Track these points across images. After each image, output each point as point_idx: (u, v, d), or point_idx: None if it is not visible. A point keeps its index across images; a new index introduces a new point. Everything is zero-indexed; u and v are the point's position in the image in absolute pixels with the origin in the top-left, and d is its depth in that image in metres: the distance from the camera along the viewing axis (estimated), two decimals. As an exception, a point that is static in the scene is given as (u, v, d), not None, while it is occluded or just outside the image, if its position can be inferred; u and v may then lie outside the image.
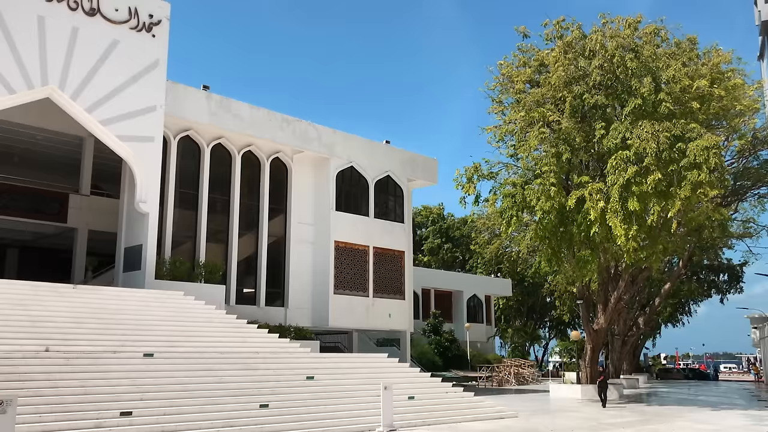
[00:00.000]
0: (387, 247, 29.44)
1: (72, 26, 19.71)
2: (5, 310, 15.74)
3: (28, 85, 18.76)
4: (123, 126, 20.60)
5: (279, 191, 26.91)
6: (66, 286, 18.47)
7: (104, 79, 20.25)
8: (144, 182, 21.07)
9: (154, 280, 20.69)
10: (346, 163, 28.37)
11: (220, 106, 24.31)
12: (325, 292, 26.91)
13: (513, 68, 26.69)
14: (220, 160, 25.08)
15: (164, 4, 22.11)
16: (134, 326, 17.15)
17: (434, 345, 39.42)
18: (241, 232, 25.40)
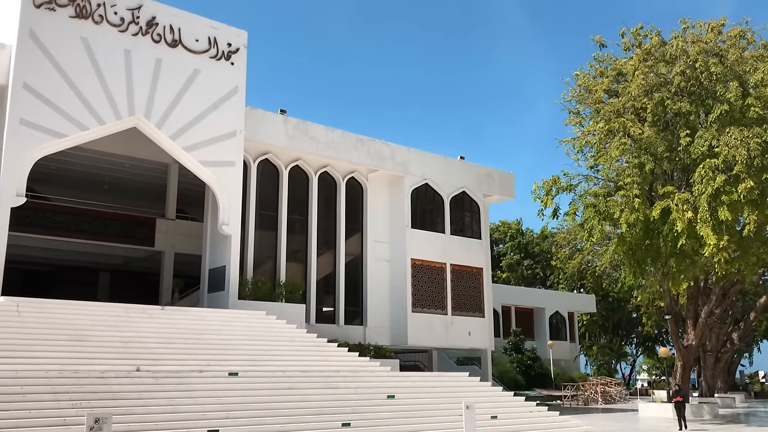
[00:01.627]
0: (464, 264, 29.15)
1: (156, 58, 20.60)
2: (100, 332, 16.44)
3: (117, 115, 19.68)
4: (205, 152, 21.30)
5: (355, 210, 27.15)
6: (154, 308, 19.13)
7: (187, 107, 21.03)
8: (226, 205, 21.68)
9: (238, 300, 21.18)
10: (421, 180, 28.36)
11: (296, 129, 24.82)
12: (403, 311, 26.85)
13: (590, 78, 26.15)
14: (297, 181, 25.55)
15: (241, 33, 22.82)
16: (219, 346, 17.57)
17: (516, 363, 38.64)
18: (319, 252, 25.73)
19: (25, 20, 18.53)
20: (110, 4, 19.94)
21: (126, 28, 20.17)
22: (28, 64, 18.39)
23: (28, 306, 16.52)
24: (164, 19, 20.96)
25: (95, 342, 15.93)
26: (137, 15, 20.42)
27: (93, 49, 19.44)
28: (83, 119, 19.02)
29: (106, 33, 19.77)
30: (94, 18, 19.61)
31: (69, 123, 18.78)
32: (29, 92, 18.26)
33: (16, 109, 18.02)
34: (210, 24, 22.04)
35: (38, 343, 15.22)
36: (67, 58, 18.99)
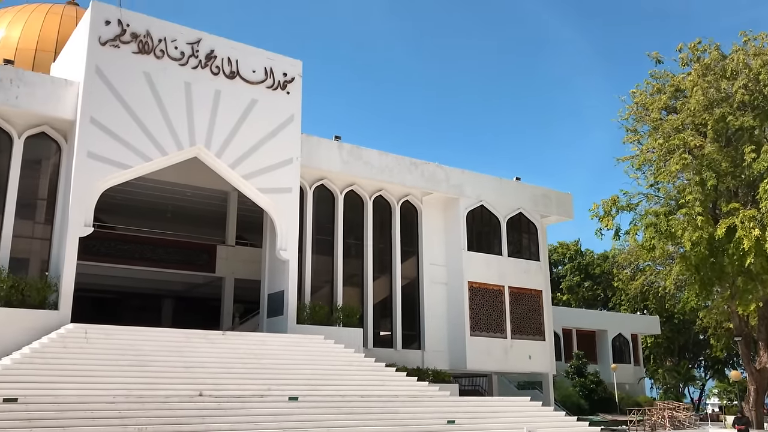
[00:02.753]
0: (523, 287, 28.74)
1: (215, 89, 21.23)
2: (163, 357, 16.85)
3: (178, 146, 20.31)
4: (263, 179, 21.74)
5: (410, 233, 27.17)
6: (215, 333, 19.50)
7: (245, 136, 21.54)
8: (284, 231, 22.02)
9: (296, 324, 21.39)
10: (476, 202, 28.22)
11: (351, 155, 25.09)
12: (461, 334, 26.60)
13: (647, 96, 25.69)
14: (352, 205, 25.77)
15: (296, 62, 23.31)
16: (279, 370, 17.76)
17: (579, 387, 37.67)
18: (376, 275, 25.79)
19: (91, 58, 19.39)
20: (171, 39, 20.70)
21: (186, 62, 20.87)
22: (94, 99, 19.20)
23: (96, 332, 17.07)
24: (222, 52, 21.62)
25: (159, 367, 16.33)
26: (197, 49, 21.12)
27: (155, 82, 20.18)
28: (147, 150, 19.70)
29: (168, 67, 20.51)
30: (155, 53, 20.38)
31: (133, 154, 19.47)
32: (96, 126, 19.04)
33: (84, 143, 18.81)
34: (266, 55, 22.62)
35: (105, 368, 15.70)
36: (131, 92, 19.76)
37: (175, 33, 20.86)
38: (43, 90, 19.19)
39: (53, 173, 19.77)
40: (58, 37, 27.32)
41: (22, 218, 19.01)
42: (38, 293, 17.54)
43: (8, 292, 17.14)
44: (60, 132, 19.80)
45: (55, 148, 19.85)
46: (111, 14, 19.82)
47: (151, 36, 20.35)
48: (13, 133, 19.18)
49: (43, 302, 17.56)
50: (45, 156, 19.92)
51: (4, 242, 18.45)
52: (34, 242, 19.31)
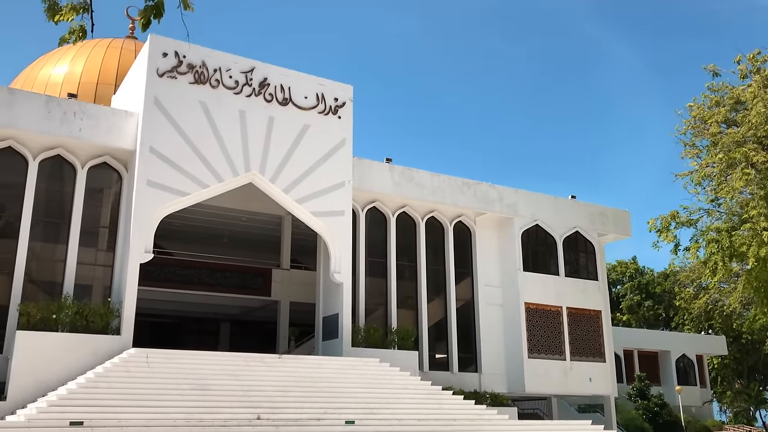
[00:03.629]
0: (581, 307, 28.11)
1: (268, 116, 21.63)
2: (221, 381, 17.06)
3: (234, 172, 20.72)
4: (316, 203, 21.96)
5: (464, 254, 26.94)
6: (272, 356, 19.65)
7: (298, 161, 21.84)
8: (337, 254, 22.14)
9: (351, 347, 21.38)
10: (531, 221, 27.84)
11: (402, 177, 25.14)
12: (518, 356, 26.14)
13: (704, 109, 25.01)
14: (405, 227, 25.75)
15: (347, 87, 23.59)
16: (335, 393, 17.75)
17: (642, 410, 36.51)
18: (430, 297, 25.63)
19: (150, 89, 20.03)
20: (225, 69, 21.23)
21: (240, 90, 21.35)
22: (153, 129, 19.79)
23: (157, 356, 17.41)
24: (275, 79, 22.04)
25: (218, 391, 16.53)
26: (250, 77, 21.60)
27: (211, 111, 20.68)
28: (204, 177, 20.16)
29: (223, 96, 21.02)
30: (211, 83, 20.92)
31: (191, 182, 19.95)
32: (155, 155, 19.60)
33: (144, 172, 19.38)
34: (318, 81, 22.96)
35: (166, 392, 15.98)
36: (188, 121, 20.30)
37: (230, 62, 21.39)
38: (105, 121, 19.89)
39: (115, 202, 20.40)
40: (118, 70, 28.36)
41: (85, 246, 19.65)
42: (101, 319, 18.03)
43: (73, 318, 17.67)
44: (121, 161, 20.46)
45: (116, 178, 20.51)
46: (168, 46, 20.46)
47: (206, 66, 20.91)
48: (76, 163, 19.91)
49: (106, 327, 18.04)
50: (107, 185, 20.59)
51: (69, 270, 19.08)
52: (97, 269, 19.91)
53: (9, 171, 19.28)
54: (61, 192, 19.89)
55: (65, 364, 16.69)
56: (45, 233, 19.53)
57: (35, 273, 19.22)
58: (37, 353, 16.54)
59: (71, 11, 6.52)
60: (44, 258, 19.52)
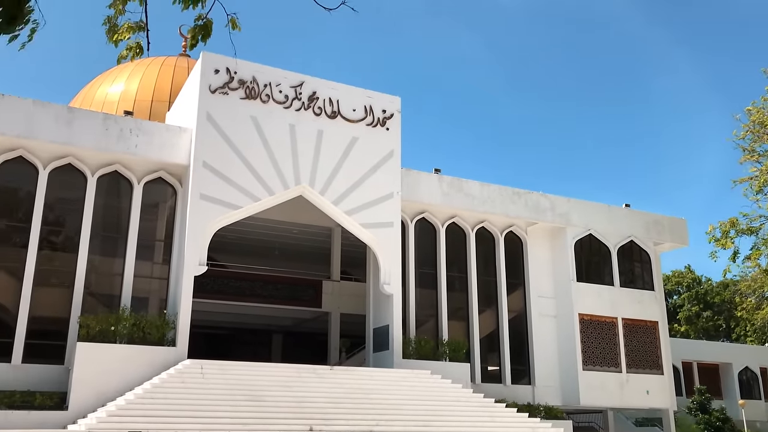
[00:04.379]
0: (637, 318, 27.41)
1: (317, 129, 21.84)
2: (274, 392, 17.20)
3: (284, 185, 20.96)
4: (365, 214, 22.03)
5: (515, 265, 26.61)
6: (323, 368, 19.72)
7: (347, 173, 21.97)
8: (387, 265, 22.13)
9: (402, 359, 21.30)
10: (584, 231, 27.33)
11: (451, 187, 25.02)
12: (573, 368, 25.61)
13: (764, 113, 24.19)
14: (455, 238, 25.59)
15: (395, 99, 23.65)
16: (386, 406, 17.69)
17: (703, 425, 35.26)
18: (481, 309, 25.36)
19: (202, 105, 20.46)
20: (275, 84, 21.54)
21: (290, 105, 21.63)
22: (206, 144, 20.19)
23: (211, 368, 17.66)
24: (324, 93, 22.26)
25: (271, 402, 16.67)
26: (300, 91, 21.86)
27: (262, 126, 21.00)
28: (255, 191, 20.45)
29: (273, 110, 21.32)
30: (261, 98, 21.25)
31: (243, 195, 20.26)
32: (208, 169, 19.99)
33: (197, 186, 19.77)
34: (365, 93, 23.09)
35: (220, 403, 16.19)
36: (240, 136, 20.65)
37: (280, 77, 21.70)
38: (159, 138, 20.40)
39: (170, 216, 20.87)
40: (172, 87, 29.09)
41: (141, 259, 20.13)
42: (157, 330, 18.41)
43: (130, 330, 18.08)
44: (175, 176, 20.92)
45: (171, 192, 20.98)
46: (219, 63, 20.88)
47: (257, 82, 21.25)
48: (133, 179, 20.45)
49: (162, 339, 18.40)
50: (162, 200, 21.09)
51: (126, 283, 19.57)
52: (153, 282, 20.36)
53: (69, 187, 19.92)
54: (119, 207, 20.45)
55: (123, 374, 17.09)
56: (103, 247, 20.09)
57: (94, 286, 19.77)
58: (96, 364, 16.98)
59: (128, 30, 6.73)
60: (103, 271, 20.07)
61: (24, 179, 19.42)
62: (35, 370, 17.96)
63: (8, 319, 18.38)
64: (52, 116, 19.22)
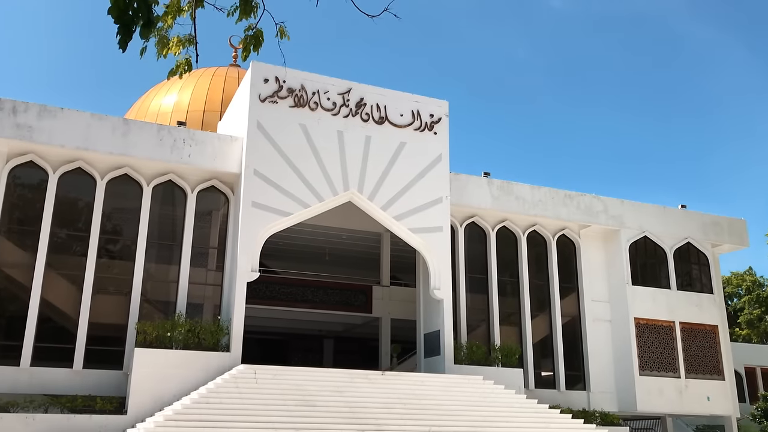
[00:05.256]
0: (696, 322, 26.63)
1: (365, 135, 21.93)
2: (326, 397, 17.30)
3: (333, 192, 21.11)
4: (414, 219, 22.00)
5: (568, 268, 26.18)
6: (375, 373, 19.74)
7: (395, 179, 21.99)
8: (436, 270, 22.05)
9: (453, 364, 21.18)
10: (638, 233, 26.71)
11: (501, 190, 24.80)
12: (629, 374, 25.02)
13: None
14: (505, 242, 25.34)
15: (443, 103, 23.58)
16: (438, 411, 17.60)
17: (768, 433, 34.04)
18: (534, 313, 25.02)
19: (253, 114, 20.79)
20: (323, 91, 21.74)
21: (338, 112, 21.79)
22: (256, 152, 20.50)
23: (264, 373, 17.87)
24: (371, 99, 22.35)
25: (323, 407, 16.76)
26: (347, 98, 22.01)
27: (310, 133, 21.21)
28: (305, 198, 20.66)
29: (321, 118, 21.52)
30: (310, 105, 21.47)
31: (293, 202, 20.49)
32: (259, 177, 20.28)
33: (249, 194, 20.07)
34: (413, 98, 23.09)
35: (274, 408, 16.36)
36: (289, 143, 20.89)
37: (327, 85, 21.89)
38: (212, 147, 20.80)
39: (222, 223, 21.24)
40: (223, 97, 29.67)
41: (196, 266, 20.54)
42: (212, 336, 18.73)
43: (186, 336, 18.45)
44: (227, 184, 21.30)
45: (223, 200, 21.36)
46: (269, 72, 21.19)
47: (305, 89, 21.48)
48: (186, 188, 20.90)
49: (216, 344, 18.71)
50: (214, 207, 21.49)
51: (181, 289, 19.99)
52: (207, 288, 20.75)
53: (125, 196, 20.49)
54: (173, 215, 20.93)
55: (179, 379, 17.43)
56: (159, 255, 20.58)
57: (150, 293, 20.26)
58: (153, 369, 17.37)
59: (178, 45, 6.90)
60: (158, 278, 20.56)
61: (83, 190, 20.05)
62: (95, 375, 18.51)
63: (69, 326, 18.98)
64: (108, 128, 19.81)
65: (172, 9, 6.66)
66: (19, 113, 18.90)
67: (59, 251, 19.62)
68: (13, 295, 19.06)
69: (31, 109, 19.05)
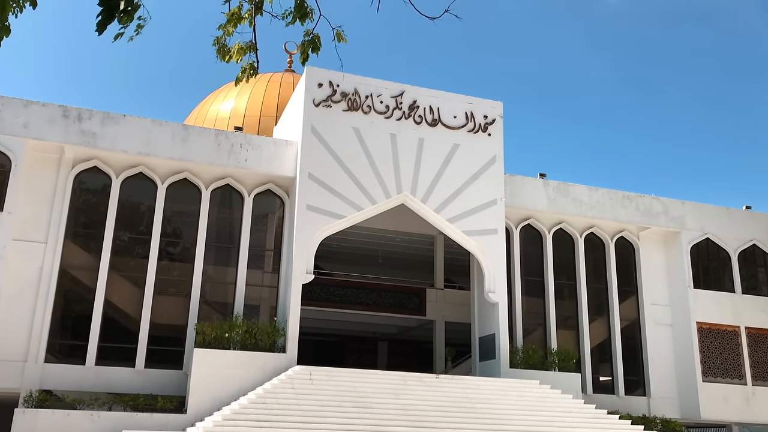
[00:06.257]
0: (764, 327, 25.65)
1: (418, 138, 21.93)
2: (381, 399, 17.34)
3: (386, 194, 21.16)
4: (468, 222, 21.87)
5: (627, 272, 25.58)
6: (429, 376, 19.69)
7: (448, 181, 21.91)
8: (491, 273, 21.86)
9: (509, 368, 20.95)
10: (700, 235, 25.91)
11: (557, 192, 24.43)
12: (691, 380, 24.28)
13: None
14: (562, 244, 24.93)
15: (497, 104, 23.38)
16: (494, 415, 17.43)
17: (841, 443, 32.51)
18: (591, 317, 24.54)
19: (307, 118, 21.04)
20: (376, 94, 21.84)
21: (391, 114, 21.86)
22: (311, 156, 20.73)
23: (319, 374, 18.04)
24: (424, 101, 22.34)
25: (378, 409, 16.81)
26: (400, 101, 22.05)
27: (363, 136, 21.33)
28: (358, 200, 20.78)
29: (374, 121, 21.61)
30: (363, 109, 21.60)
31: (346, 205, 20.63)
32: (313, 181, 20.51)
33: (304, 197, 20.32)
34: (466, 100, 22.97)
35: (329, 409, 16.49)
36: (342, 147, 21.06)
37: (380, 88, 21.98)
38: (267, 151, 21.14)
39: (278, 226, 21.55)
40: (278, 102, 30.12)
41: (252, 268, 20.89)
42: (268, 337, 19.00)
43: (243, 337, 18.77)
44: (282, 188, 21.60)
45: (279, 203, 21.67)
46: (323, 77, 21.41)
47: (358, 93, 21.63)
48: (243, 192, 21.28)
49: (272, 346, 18.97)
50: (270, 211, 21.82)
51: (239, 291, 20.36)
52: (263, 290, 21.07)
53: (185, 200, 21.00)
54: (231, 218, 21.34)
55: (237, 380, 17.76)
56: (217, 257, 21.02)
57: (209, 294, 20.71)
58: (212, 370, 17.74)
59: (240, 52, 7.07)
60: (216, 280, 20.99)
61: (144, 194, 20.64)
62: (156, 374, 19.01)
63: (132, 327, 19.55)
64: (169, 134, 20.35)
65: (233, 18, 6.84)
66: (84, 120, 19.61)
67: (122, 254, 20.23)
68: (79, 296, 19.74)
69: (95, 116, 19.73)
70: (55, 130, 19.33)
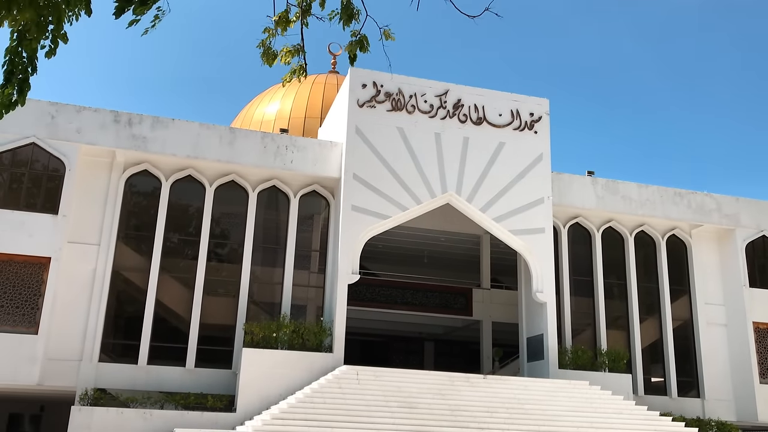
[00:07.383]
0: (824, 327, 24.72)
1: (463, 137, 21.79)
2: (428, 399, 17.29)
3: (431, 194, 21.09)
4: (514, 221, 21.64)
5: (679, 270, 24.95)
6: (476, 377, 19.55)
7: (494, 180, 21.72)
8: (539, 272, 21.58)
9: (558, 369, 20.65)
10: (756, 232, 25.11)
11: (606, 190, 23.98)
12: (748, 381, 23.54)
13: None
14: (611, 243, 24.46)
15: (543, 101, 23.08)
16: (542, 417, 17.21)
17: None
18: (642, 317, 24.01)
19: (351, 119, 21.12)
20: (420, 94, 21.79)
21: (435, 114, 21.78)
22: (355, 157, 20.80)
23: (366, 374, 18.08)
24: (469, 100, 22.19)
25: (425, 409, 16.76)
26: (444, 100, 21.96)
27: (408, 136, 21.30)
28: (403, 200, 20.76)
29: (418, 120, 21.57)
30: (407, 109, 21.57)
31: (391, 205, 20.64)
32: (358, 181, 20.58)
33: (349, 197, 20.40)
34: (511, 97, 22.74)
35: (375, 408, 16.52)
36: (387, 147, 21.07)
37: (424, 87, 21.92)
38: (312, 153, 21.29)
39: (323, 227, 21.69)
40: (323, 104, 30.30)
41: (299, 269, 21.08)
42: (315, 337, 19.15)
43: (290, 337, 18.95)
44: (327, 189, 21.73)
45: (324, 204, 21.81)
46: (366, 78, 21.46)
47: (402, 93, 21.61)
48: (289, 193, 21.48)
49: (319, 345, 19.11)
50: (316, 212, 21.97)
51: (286, 291, 20.56)
52: (310, 290, 21.24)
53: (232, 202, 21.31)
54: (277, 220, 21.58)
55: (285, 379, 17.94)
56: (264, 258, 21.26)
57: (257, 294, 20.96)
58: (260, 369, 17.96)
59: (288, 54, 7.14)
60: (264, 281, 21.24)
61: (193, 196, 21.02)
62: (206, 373, 19.33)
63: (182, 327, 19.93)
64: (216, 137, 20.68)
65: (281, 21, 6.91)
66: (134, 125, 20.07)
67: (172, 255, 20.63)
68: (131, 297, 20.22)
69: (145, 121, 20.17)
70: (107, 134, 19.83)
